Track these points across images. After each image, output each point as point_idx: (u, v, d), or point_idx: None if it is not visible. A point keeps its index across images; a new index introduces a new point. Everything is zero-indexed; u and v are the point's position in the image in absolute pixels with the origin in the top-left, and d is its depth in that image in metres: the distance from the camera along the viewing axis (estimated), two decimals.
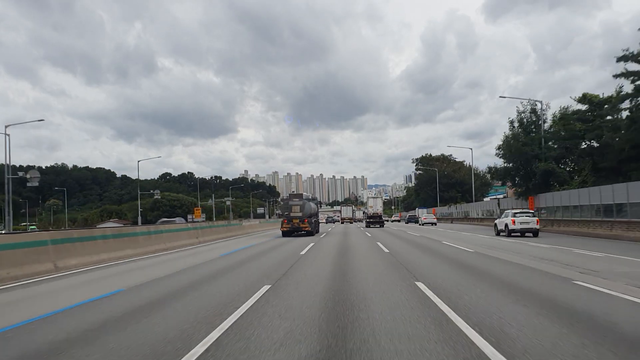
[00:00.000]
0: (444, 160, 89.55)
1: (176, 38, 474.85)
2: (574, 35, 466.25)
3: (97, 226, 68.53)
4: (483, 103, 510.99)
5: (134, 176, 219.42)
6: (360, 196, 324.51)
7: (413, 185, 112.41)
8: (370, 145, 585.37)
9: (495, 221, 26.18)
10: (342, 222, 67.37)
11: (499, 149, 33.74)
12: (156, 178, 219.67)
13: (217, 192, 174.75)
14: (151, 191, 71.32)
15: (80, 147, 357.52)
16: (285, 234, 27.65)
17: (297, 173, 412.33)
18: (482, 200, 70.40)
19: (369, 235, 27.16)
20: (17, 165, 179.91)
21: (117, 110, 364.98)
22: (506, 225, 23.28)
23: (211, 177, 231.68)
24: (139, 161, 54.13)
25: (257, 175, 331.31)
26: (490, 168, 34.94)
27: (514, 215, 23.33)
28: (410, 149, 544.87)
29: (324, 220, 76.21)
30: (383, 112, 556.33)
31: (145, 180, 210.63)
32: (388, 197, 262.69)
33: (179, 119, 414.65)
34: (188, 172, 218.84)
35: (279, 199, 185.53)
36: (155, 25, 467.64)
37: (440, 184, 75.58)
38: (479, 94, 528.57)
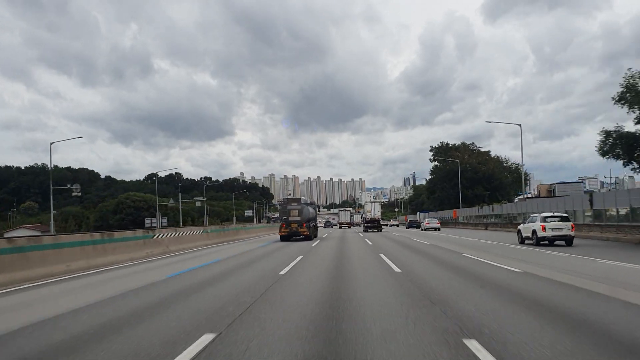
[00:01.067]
0: (465, 149, 73.66)
1: (172, 39, 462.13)
2: (573, 36, 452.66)
3: (5, 234, 53.88)
4: (481, 105, 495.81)
5: (119, 177, 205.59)
6: (358, 198, 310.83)
7: (425, 183, 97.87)
8: (368, 148, 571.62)
9: (519, 227, 22.77)
10: (340, 227, 70.26)
11: (619, 100, 19.13)
12: (141, 179, 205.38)
13: (207, 193, 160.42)
14: (68, 186, 56.68)
15: (77, 150, 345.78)
16: (283, 238, 27.87)
17: (294, 175, 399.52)
18: (514, 201, 55.86)
19: (395, 268, 12.24)
20: (6, 166, 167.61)
21: (113, 113, 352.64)
22: (534, 231, 20.16)
23: (200, 178, 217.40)
24: (51, 143, 39.93)
25: (253, 178, 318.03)
26: (607, 133, 20.17)
27: (544, 219, 19.82)
28: (407, 152, 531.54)
29: (322, 225, 76.26)
30: (381, 114, 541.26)
31: (131, 181, 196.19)
32: (387, 200, 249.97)
33: (176, 122, 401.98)
34: (175, 173, 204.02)
35: (274, 202, 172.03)
36: (151, 26, 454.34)
37: (462, 179, 60.53)
38: (477, 96, 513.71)
